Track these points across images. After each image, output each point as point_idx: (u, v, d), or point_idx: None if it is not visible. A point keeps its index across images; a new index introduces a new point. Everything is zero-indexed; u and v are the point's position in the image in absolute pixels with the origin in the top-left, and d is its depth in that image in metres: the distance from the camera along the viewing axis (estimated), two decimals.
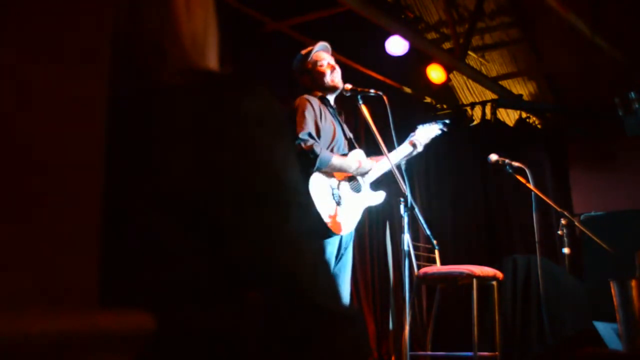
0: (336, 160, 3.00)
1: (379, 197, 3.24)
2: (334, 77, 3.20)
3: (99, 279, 0.49)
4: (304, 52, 3.27)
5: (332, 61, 3.24)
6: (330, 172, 3.03)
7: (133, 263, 0.64)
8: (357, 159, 3.14)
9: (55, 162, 0.47)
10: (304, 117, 2.99)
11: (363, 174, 3.19)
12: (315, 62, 3.21)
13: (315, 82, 3.20)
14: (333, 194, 3.00)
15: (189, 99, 0.66)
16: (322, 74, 3.18)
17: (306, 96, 3.13)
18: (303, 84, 3.26)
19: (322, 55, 3.23)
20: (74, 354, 0.45)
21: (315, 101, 3.10)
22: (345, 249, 3.03)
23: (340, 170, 3.06)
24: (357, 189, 3.15)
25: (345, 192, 3.07)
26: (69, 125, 0.48)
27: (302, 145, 2.91)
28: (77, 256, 0.47)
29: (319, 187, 2.96)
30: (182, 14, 0.72)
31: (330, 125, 3.13)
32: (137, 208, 0.63)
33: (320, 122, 3.04)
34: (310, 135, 2.97)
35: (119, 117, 0.60)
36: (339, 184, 3.06)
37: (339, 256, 3.00)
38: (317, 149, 2.91)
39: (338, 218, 2.96)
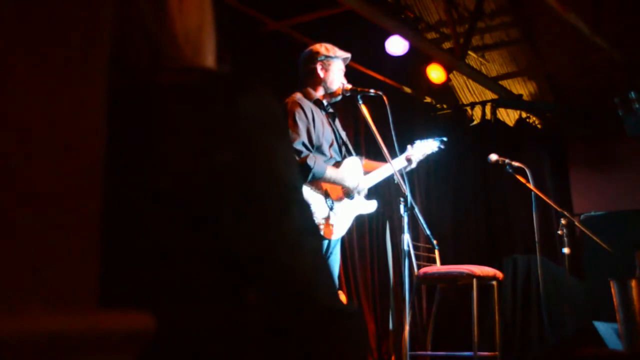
0: (330, 172, 2.96)
1: (371, 206, 3.24)
2: (339, 87, 3.21)
3: (99, 279, 0.49)
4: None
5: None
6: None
7: (133, 263, 0.64)
8: (351, 172, 3.11)
9: (54, 162, 0.47)
10: (296, 124, 2.94)
11: (357, 189, 3.17)
12: (336, 64, 3.19)
13: (323, 80, 3.16)
14: (326, 199, 2.99)
15: (186, 98, 0.66)
16: (335, 79, 3.18)
17: (298, 98, 3.07)
18: (307, 72, 3.20)
19: (342, 65, 3.24)
20: (74, 354, 0.45)
21: (307, 105, 3.06)
22: (334, 247, 3.04)
23: (334, 183, 3.03)
24: (350, 196, 3.14)
25: (338, 199, 3.06)
26: (68, 125, 0.48)
27: (296, 157, 2.88)
28: (77, 256, 0.47)
29: (313, 191, 2.95)
30: (175, 12, 0.72)
31: (328, 128, 3.11)
32: (136, 207, 0.63)
33: (312, 129, 3.00)
34: (304, 144, 2.94)
35: (117, 117, 0.60)
36: (333, 190, 3.05)
37: (326, 257, 3.01)
38: (310, 162, 2.86)
39: (330, 222, 2.95)
